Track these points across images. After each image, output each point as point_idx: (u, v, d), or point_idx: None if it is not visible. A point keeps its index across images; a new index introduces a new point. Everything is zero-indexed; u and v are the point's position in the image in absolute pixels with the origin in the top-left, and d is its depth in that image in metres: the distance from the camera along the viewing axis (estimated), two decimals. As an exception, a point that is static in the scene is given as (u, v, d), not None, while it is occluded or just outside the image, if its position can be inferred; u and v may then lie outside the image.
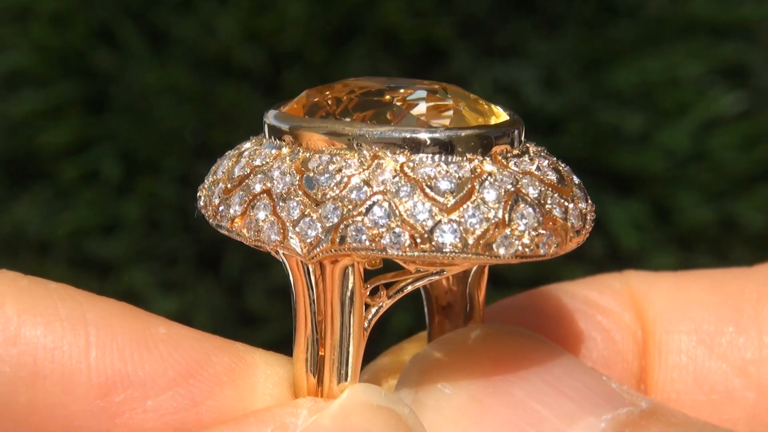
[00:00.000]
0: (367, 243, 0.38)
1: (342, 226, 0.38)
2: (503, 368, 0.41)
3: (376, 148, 0.39)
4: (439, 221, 0.38)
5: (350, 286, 0.40)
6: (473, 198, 0.38)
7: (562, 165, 0.42)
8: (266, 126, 0.42)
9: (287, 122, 0.41)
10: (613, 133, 1.18)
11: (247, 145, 0.42)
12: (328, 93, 0.42)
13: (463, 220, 0.38)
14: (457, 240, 0.38)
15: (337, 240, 0.38)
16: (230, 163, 0.41)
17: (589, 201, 0.42)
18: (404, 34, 1.19)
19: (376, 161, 0.39)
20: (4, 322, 0.39)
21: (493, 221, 0.38)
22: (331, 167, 0.39)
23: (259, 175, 0.40)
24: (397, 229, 0.38)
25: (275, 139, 0.41)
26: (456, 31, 1.20)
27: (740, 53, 1.23)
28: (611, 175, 1.17)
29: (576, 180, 0.42)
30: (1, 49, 1.19)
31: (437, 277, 0.41)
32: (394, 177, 0.38)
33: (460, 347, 0.43)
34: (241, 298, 1.14)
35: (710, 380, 0.48)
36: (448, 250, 0.38)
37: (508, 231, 0.38)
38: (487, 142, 0.39)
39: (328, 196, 0.38)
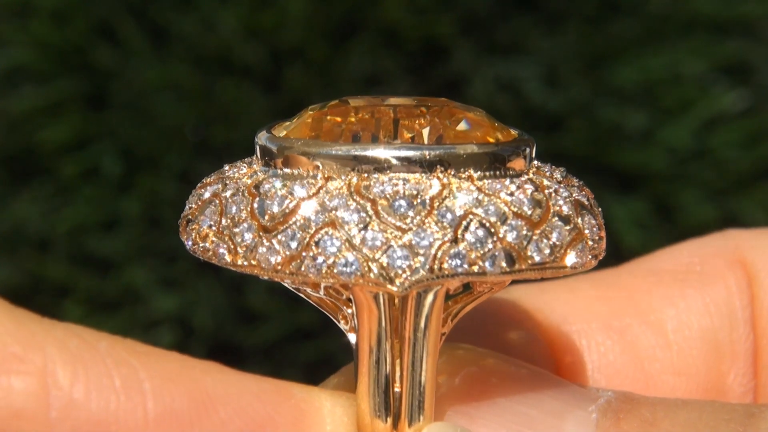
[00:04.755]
0: (466, 267, 0.36)
1: (440, 252, 0.36)
2: (477, 383, 0.41)
3: (441, 168, 0.37)
4: (531, 238, 0.37)
5: (427, 314, 0.38)
6: (552, 211, 0.37)
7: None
8: (258, 147, 0.39)
9: (276, 144, 0.39)
10: (615, 131, 1.18)
11: (248, 178, 0.39)
12: (327, 113, 0.40)
13: (550, 234, 0.37)
14: (548, 255, 0.37)
15: (436, 268, 0.36)
16: (246, 200, 0.38)
17: None
18: (406, 31, 1.19)
19: (441, 182, 0.37)
20: (57, 393, 0.36)
21: (575, 232, 0.38)
22: (406, 192, 0.36)
23: (313, 208, 0.37)
24: (496, 251, 0.36)
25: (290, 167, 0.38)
26: (457, 28, 1.20)
27: (742, 51, 1.23)
28: (613, 172, 1.17)
29: None
30: (0, 46, 1.19)
31: (488, 296, 0.40)
32: (476, 196, 0.37)
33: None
34: (242, 295, 1.14)
35: (629, 371, 0.48)
36: (540, 266, 0.37)
37: (583, 241, 0.38)
38: (502, 159, 0.38)
39: (414, 222, 0.36)
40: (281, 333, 1.13)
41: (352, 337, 0.40)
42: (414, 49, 1.20)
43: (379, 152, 0.37)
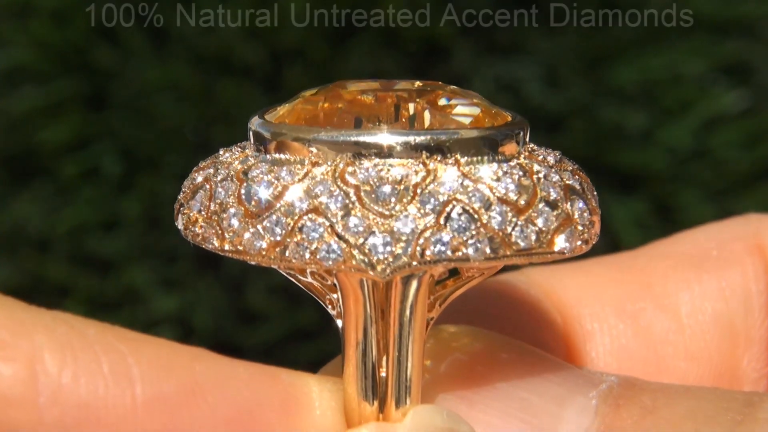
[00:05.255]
0: (449, 253, 0.36)
1: (421, 239, 0.36)
2: (478, 366, 0.41)
3: (427, 154, 0.37)
4: (516, 224, 0.36)
5: (412, 300, 0.38)
6: (539, 197, 0.37)
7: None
8: (251, 133, 0.39)
9: (269, 129, 0.39)
10: (615, 131, 1.18)
11: (239, 163, 0.39)
12: (323, 97, 0.40)
13: (536, 220, 0.37)
14: (534, 241, 0.37)
15: (418, 254, 0.36)
16: (235, 185, 0.38)
17: None
18: (406, 31, 1.19)
19: (427, 167, 0.37)
20: (45, 380, 0.35)
21: (562, 217, 0.37)
22: (390, 178, 0.36)
23: (297, 195, 0.37)
24: (479, 237, 0.36)
25: (280, 153, 0.38)
26: (457, 28, 1.20)
27: (742, 51, 1.23)
28: (613, 172, 1.17)
29: None
30: (1, 46, 1.19)
31: (478, 281, 0.40)
32: (461, 182, 0.36)
33: (430, 353, 0.42)
34: (242, 295, 1.14)
35: (641, 355, 0.48)
36: (526, 252, 0.36)
37: (572, 227, 0.37)
38: (493, 143, 0.38)
39: (396, 208, 0.36)
40: (281, 333, 1.13)
41: (339, 323, 0.40)
42: (414, 49, 1.20)
43: (367, 137, 0.37)
